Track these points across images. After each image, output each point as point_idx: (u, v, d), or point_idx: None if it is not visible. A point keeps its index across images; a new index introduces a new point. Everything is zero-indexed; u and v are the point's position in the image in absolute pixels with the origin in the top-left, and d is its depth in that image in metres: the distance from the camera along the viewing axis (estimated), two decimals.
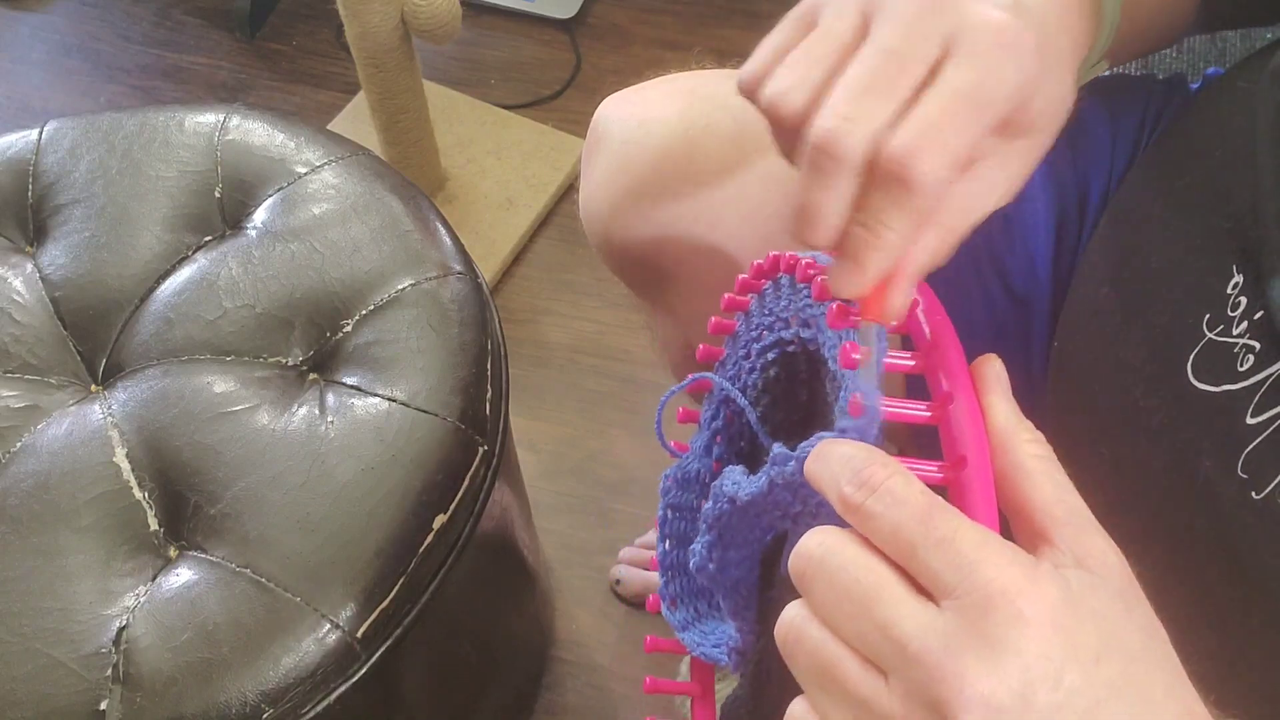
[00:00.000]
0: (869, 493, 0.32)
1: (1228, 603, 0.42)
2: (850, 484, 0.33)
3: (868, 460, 0.33)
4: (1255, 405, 0.41)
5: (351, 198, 0.79)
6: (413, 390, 0.70)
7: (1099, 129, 0.60)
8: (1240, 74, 0.51)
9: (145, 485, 0.68)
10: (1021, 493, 0.34)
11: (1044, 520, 0.33)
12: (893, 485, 0.32)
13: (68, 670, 0.61)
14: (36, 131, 0.84)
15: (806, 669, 0.32)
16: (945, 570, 0.30)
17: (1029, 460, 0.35)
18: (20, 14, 1.70)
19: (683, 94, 0.66)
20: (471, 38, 1.63)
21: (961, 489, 0.34)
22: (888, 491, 0.32)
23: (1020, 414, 0.36)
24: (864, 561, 0.32)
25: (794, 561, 0.33)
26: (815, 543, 0.33)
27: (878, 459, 0.33)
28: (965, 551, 0.30)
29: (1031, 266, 0.60)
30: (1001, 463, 0.35)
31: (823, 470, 0.34)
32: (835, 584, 0.32)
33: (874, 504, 0.32)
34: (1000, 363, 0.37)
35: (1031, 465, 0.34)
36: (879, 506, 0.32)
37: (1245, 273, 0.43)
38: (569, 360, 1.33)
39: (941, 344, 0.38)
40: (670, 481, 0.52)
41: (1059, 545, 0.33)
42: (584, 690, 1.10)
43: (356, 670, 0.65)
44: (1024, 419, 0.36)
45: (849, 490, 0.33)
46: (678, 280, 0.67)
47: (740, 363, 0.49)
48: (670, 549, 0.52)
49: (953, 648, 0.29)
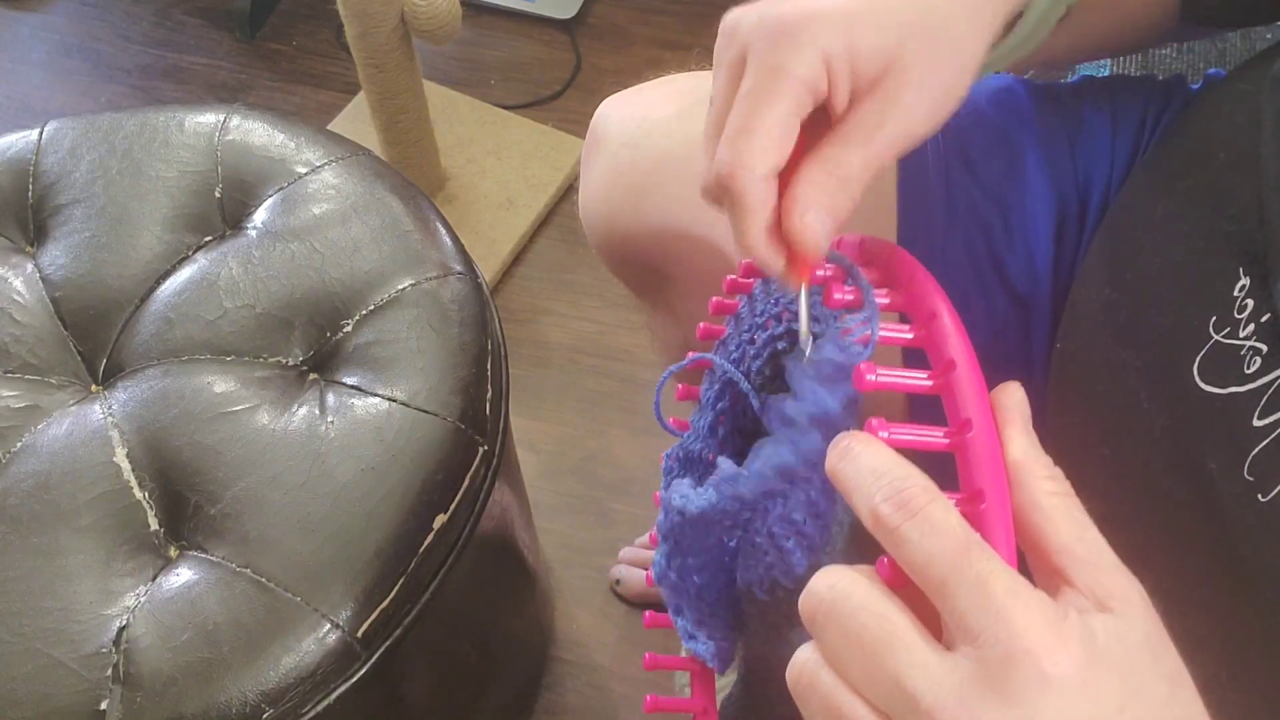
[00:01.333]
0: (907, 516, 0.31)
1: (1232, 605, 0.42)
2: (887, 502, 0.31)
3: (906, 479, 0.32)
4: (1262, 407, 0.40)
5: (352, 198, 0.79)
6: (413, 390, 0.70)
7: (1099, 130, 0.60)
8: (1242, 76, 0.51)
9: (145, 485, 0.68)
10: (1039, 531, 0.33)
11: (1063, 560, 0.32)
12: (932, 513, 0.31)
13: (68, 670, 0.61)
14: (37, 131, 0.84)
15: (817, 713, 0.32)
16: (973, 613, 0.29)
17: (1046, 498, 0.33)
18: (20, 14, 1.70)
19: (682, 94, 0.66)
20: (471, 38, 1.63)
21: (978, 524, 0.33)
22: (926, 519, 0.31)
23: (1039, 448, 0.35)
24: (877, 608, 0.31)
25: (804, 603, 0.32)
26: (826, 585, 0.32)
27: (916, 479, 0.32)
28: (997, 596, 0.29)
29: (1032, 267, 0.60)
30: (1019, 498, 0.34)
31: (850, 475, 0.33)
32: (847, 631, 0.31)
33: (910, 529, 0.31)
34: (1021, 392, 0.36)
35: (1049, 503, 0.33)
36: (915, 533, 0.31)
37: (1252, 275, 0.43)
38: (569, 360, 1.33)
39: (961, 366, 0.37)
40: (673, 460, 0.52)
41: (1079, 586, 0.32)
42: (584, 690, 1.10)
43: (356, 670, 0.65)
44: (1042, 454, 0.35)
45: (885, 509, 0.31)
46: (677, 280, 0.68)
47: (745, 346, 0.49)
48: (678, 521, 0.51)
49: (968, 703, 0.28)
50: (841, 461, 0.34)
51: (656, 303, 0.73)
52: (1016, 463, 0.34)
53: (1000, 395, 0.36)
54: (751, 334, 0.48)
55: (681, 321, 0.72)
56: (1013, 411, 0.36)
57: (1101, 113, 0.60)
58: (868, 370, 0.36)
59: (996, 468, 0.34)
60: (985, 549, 0.30)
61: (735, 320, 0.51)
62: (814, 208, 0.40)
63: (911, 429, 0.35)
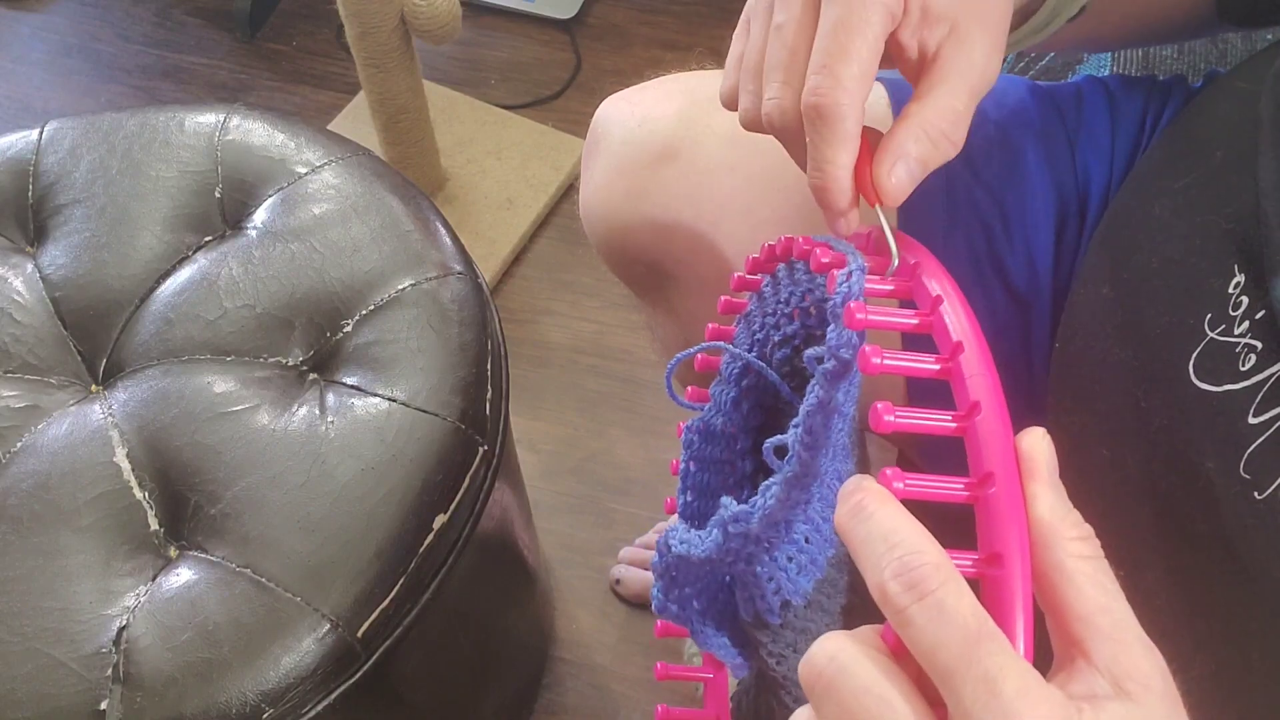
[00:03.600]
0: (916, 598, 0.29)
1: (1230, 602, 0.42)
2: (896, 579, 0.30)
3: (918, 554, 0.30)
4: (1257, 405, 0.40)
5: (352, 198, 0.79)
6: (413, 390, 0.70)
7: (1100, 130, 0.60)
8: (1241, 75, 0.51)
9: (145, 485, 0.68)
10: (1062, 597, 0.31)
11: (1083, 631, 0.30)
12: (943, 598, 0.29)
13: (68, 670, 0.61)
14: (37, 131, 0.84)
15: None
16: (978, 710, 0.28)
17: (1072, 561, 0.31)
18: (20, 14, 1.70)
19: (682, 94, 0.66)
20: (471, 38, 1.63)
21: (995, 589, 0.31)
22: (937, 604, 0.29)
23: (1068, 504, 0.33)
24: (878, 689, 0.29)
25: (804, 672, 0.31)
26: (827, 657, 0.30)
27: (930, 554, 0.30)
28: (1006, 696, 0.28)
29: (1032, 266, 0.60)
30: (1042, 560, 0.32)
31: (860, 538, 0.31)
32: (845, 709, 0.29)
33: (918, 613, 0.29)
34: (1049, 441, 0.34)
35: (1075, 567, 0.31)
36: (923, 618, 0.29)
37: (1247, 272, 0.43)
38: (569, 360, 1.33)
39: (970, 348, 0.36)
40: (694, 434, 0.51)
41: (1096, 663, 0.30)
42: (584, 690, 1.10)
43: (356, 670, 0.65)
44: (1071, 510, 0.33)
45: (893, 588, 0.30)
46: (677, 279, 0.68)
47: (770, 331, 0.48)
48: (693, 499, 0.51)
49: None
50: (852, 521, 0.32)
51: (657, 302, 0.73)
52: (1042, 521, 0.32)
53: (1027, 443, 0.33)
54: (766, 332, 0.48)
55: (682, 321, 0.72)
56: (1039, 462, 0.33)
57: (1102, 113, 0.61)
58: (858, 309, 0.35)
59: (1020, 526, 0.32)
60: (997, 640, 0.29)
61: (745, 319, 0.50)
62: (910, 161, 0.42)
63: (929, 480, 0.33)
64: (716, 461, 0.51)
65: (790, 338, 0.47)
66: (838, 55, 0.40)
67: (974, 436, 0.34)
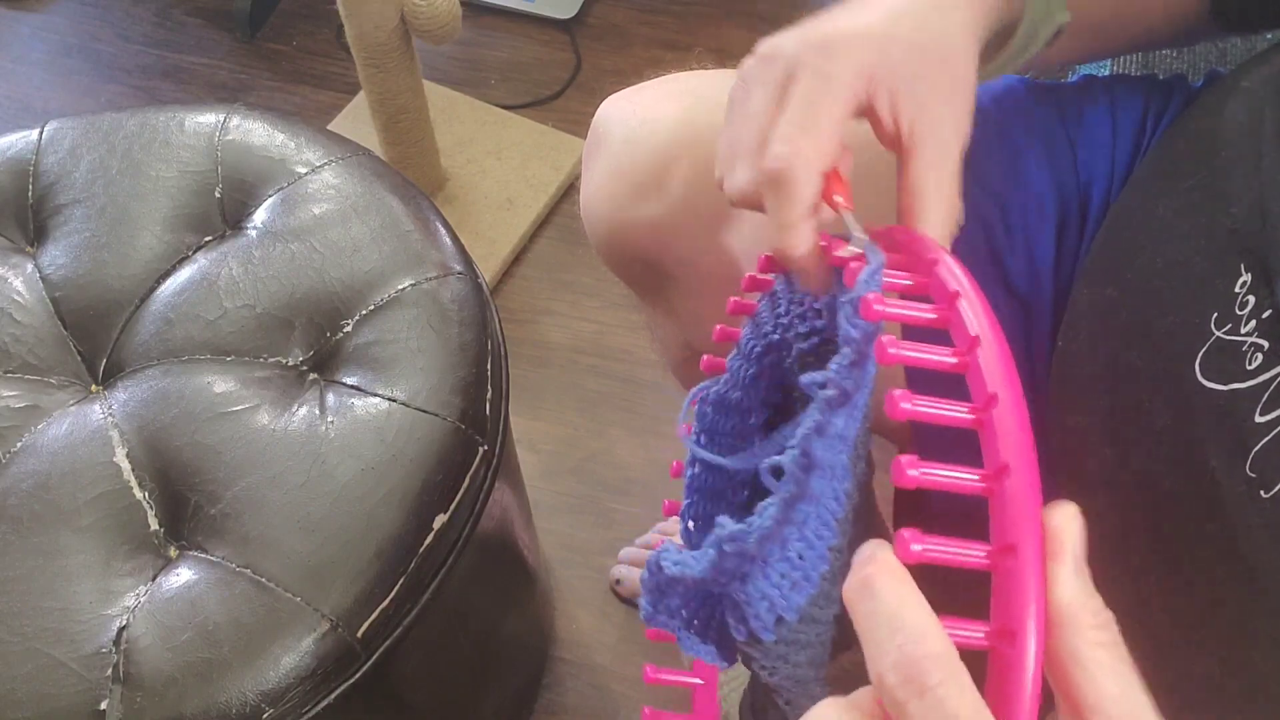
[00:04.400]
0: (915, 693, 0.28)
1: (1233, 601, 0.42)
2: (895, 670, 0.29)
3: (920, 647, 0.29)
4: (1264, 404, 0.40)
5: (351, 198, 0.79)
6: (413, 390, 0.70)
7: (1100, 129, 0.60)
8: (1244, 74, 0.51)
9: (145, 485, 0.68)
10: (1074, 684, 0.30)
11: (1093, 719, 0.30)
12: (944, 696, 0.28)
13: (68, 670, 0.61)
14: (37, 131, 0.84)
15: None
16: None
17: (1089, 649, 0.30)
18: (20, 14, 1.70)
19: (683, 94, 0.66)
20: (471, 38, 1.63)
21: (1004, 666, 0.30)
22: (936, 703, 0.28)
23: (1090, 587, 0.31)
24: None
25: None
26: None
27: (933, 644, 0.29)
28: None
29: (1032, 267, 0.60)
30: (1057, 644, 0.31)
31: (866, 617, 0.30)
32: None
33: (916, 710, 0.28)
34: (1079, 522, 0.32)
35: (1090, 655, 0.30)
36: (920, 715, 0.28)
37: (1253, 272, 0.43)
38: (569, 360, 1.33)
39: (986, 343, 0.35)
40: (707, 405, 0.50)
41: None
42: (584, 690, 1.10)
43: (356, 670, 0.65)
44: (1094, 595, 0.31)
45: (892, 680, 0.29)
46: (678, 279, 0.67)
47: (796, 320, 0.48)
48: (699, 471, 0.50)
49: None
50: (858, 596, 0.31)
51: (657, 302, 0.73)
52: (1062, 604, 0.31)
53: (1055, 520, 0.32)
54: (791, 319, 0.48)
55: (682, 321, 0.72)
56: (1064, 543, 0.32)
57: (1102, 112, 0.60)
58: (875, 300, 0.35)
59: (1038, 600, 0.31)
60: None
61: (753, 322, 0.50)
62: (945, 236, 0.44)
63: (948, 544, 0.32)
64: (729, 434, 0.51)
65: (817, 330, 0.46)
66: (797, 126, 0.43)
67: (989, 429, 0.33)
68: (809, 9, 0.49)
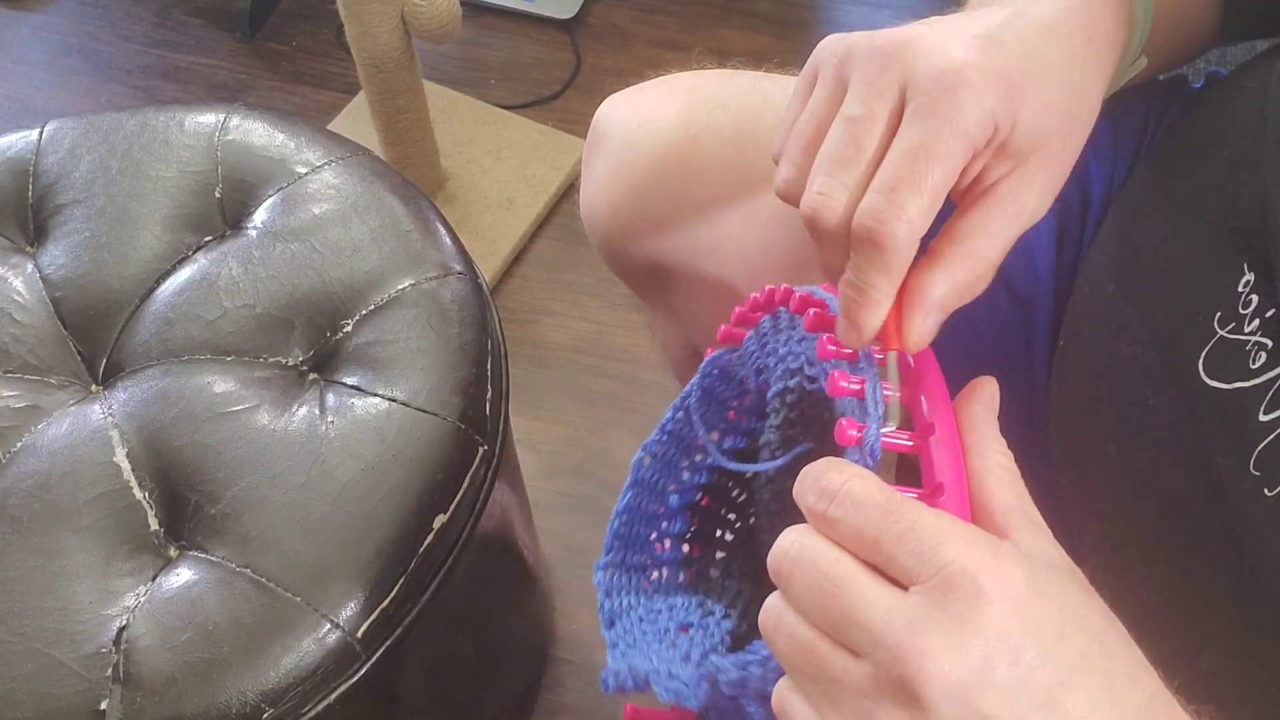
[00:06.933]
0: (829, 500, 0.34)
1: (1239, 600, 0.42)
2: (813, 494, 0.35)
3: (825, 468, 0.35)
4: (1268, 402, 0.41)
5: (351, 198, 0.79)
6: (413, 390, 0.70)
7: (1100, 129, 0.60)
8: (1245, 73, 0.51)
9: (145, 485, 0.68)
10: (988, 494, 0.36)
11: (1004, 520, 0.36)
12: (851, 489, 0.34)
13: (68, 670, 0.61)
14: (36, 131, 0.84)
15: (785, 652, 0.35)
16: (908, 559, 0.32)
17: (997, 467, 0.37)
18: (20, 14, 1.70)
19: (683, 94, 0.65)
20: (471, 38, 1.63)
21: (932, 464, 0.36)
22: (846, 495, 0.34)
23: (997, 430, 0.38)
24: (832, 555, 0.34)
25: (772, 559, 0.35)
26: (790, 540, 0.35)
27: (834, 466, 0.35)
28: (925, 538, 0.32)
29: (1033, 267, 0.60)
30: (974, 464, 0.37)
31: (796, 489, 0.36)
32: (807, 578, 0.34)
33: (835, 510, 0.34)
34: (994, 384, 0.39)
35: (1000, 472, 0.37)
36: (840, 512, 0.34)
37: (1256, 271, 0.43)
38: (569, 360, 1.33)
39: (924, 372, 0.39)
40: (714, 367, 0.51)
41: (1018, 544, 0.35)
42: (584, 690, 1.10)
43: (356, 670, 0.65)
44: (999, 436, 0.38)
45: (812, 500, 0.35)
46: (679, 280, 0.67)
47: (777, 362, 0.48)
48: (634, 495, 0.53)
49: (916, 627, 0.31)
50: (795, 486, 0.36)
51: (657, 302, 0.73)
52: (976, 433, 0.38)
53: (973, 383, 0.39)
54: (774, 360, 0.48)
55: (682, 321, 0.72)
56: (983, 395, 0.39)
57: (1102, 112, 0.60)
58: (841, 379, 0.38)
59: (956, 460, 0.37)
60: (907, 504, 0.33)
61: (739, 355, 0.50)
62: (938, 311, 0.41)
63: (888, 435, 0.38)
64: (722, 404, 0.53)
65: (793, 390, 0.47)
66: (909, 181, 0.38)
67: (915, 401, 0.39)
68: (810, 9, 0.48)
